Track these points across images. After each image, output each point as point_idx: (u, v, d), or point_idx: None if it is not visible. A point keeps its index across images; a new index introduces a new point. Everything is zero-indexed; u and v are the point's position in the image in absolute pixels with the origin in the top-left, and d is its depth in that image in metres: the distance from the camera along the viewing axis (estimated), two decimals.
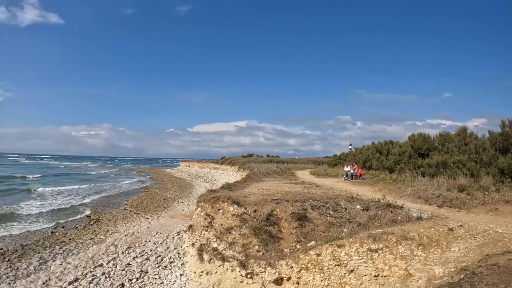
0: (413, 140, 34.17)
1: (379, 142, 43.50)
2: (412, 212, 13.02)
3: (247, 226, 12.97)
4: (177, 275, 21.82)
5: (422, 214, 12.68)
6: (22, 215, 42.93)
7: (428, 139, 33.03)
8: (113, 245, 29.69)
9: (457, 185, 19.98)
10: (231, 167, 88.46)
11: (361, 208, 13.21)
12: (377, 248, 9.58)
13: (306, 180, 27.43)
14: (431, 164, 28.23)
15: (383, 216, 12.30)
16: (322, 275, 9.89)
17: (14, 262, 25.53)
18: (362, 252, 9.60)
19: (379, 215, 12.39)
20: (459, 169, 25.23)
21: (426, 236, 10.08)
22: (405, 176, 26.91)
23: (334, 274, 9.75)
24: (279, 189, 19.66)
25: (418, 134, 34.71)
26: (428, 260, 9.39)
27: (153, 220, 40.97)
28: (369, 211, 12.79)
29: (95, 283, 21.17)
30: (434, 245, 9.87)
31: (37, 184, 79.71)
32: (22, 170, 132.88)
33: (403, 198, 17.08)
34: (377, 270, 9.41)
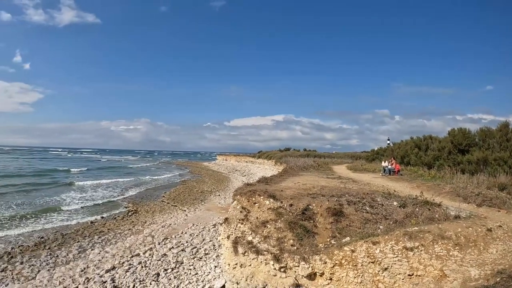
0: (453, 135, 33.29)
1: (418, 137, 42.57)
2: (450, 210, 12.70)
3: (282, 220, 12.97)
4: (212, 267, 22.07)
5: (460, 213, 12.33)
6: (64, 206, 44.56)
7: (469, 135, 32.09)
8: (150, 235, 30.29)
9: (497, 183, 19.33)
10: (268, 161, 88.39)
11: (398, 205, 12.98)
12: (413, 246, 9.38)
13: (343, 175, 27.19)
14: (471, 160, 27.49)
15: (420, 213, 12.05)
16: (355, 272, 9.77)
17: (54, 250, 26.47)
18: (397, 250, 9.41)
19: (416, 212, 12.15)
20: (500, 167, 24.46)
21: (463, 236, 9.83)
22: (444, 173, 26.19)
23: (368, 271, 9.61)
24: (315, 184, 19.54)
25: (458, 129, 33.76)
26: (464, 261, 9.15)
27: (189, 212, 41.52)
28: (406, 208, 12.55)
29: (131, 271, 21.74)
30: (471, 245, 9.61)
31: (81, 177, 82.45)
32: (65, 163, 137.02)
33: (441, 196, 16.70)
34: (411, 269, 9.21)
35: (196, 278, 20.77)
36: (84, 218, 38.41)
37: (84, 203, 47.32)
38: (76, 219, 37.81)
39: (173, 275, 21.40)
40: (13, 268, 23.10)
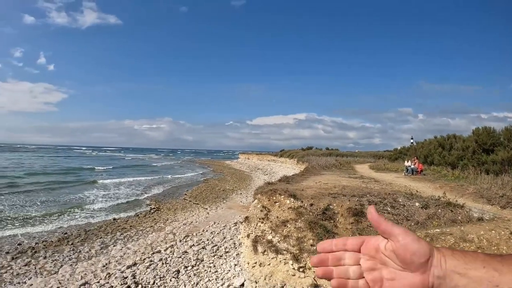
0: (477, 134, 32.64)
1: (442, 136, 41.93)
2: (473, 212, 12.43)
3: (302, 220, 12.92)
4: (232, 265, 22.16)
5: (484, 215, 12.04)
6: (88, 203, 45.45)
7: (493, 134, 31.42)
8: (171, 233, 30.62)
9: None
10: (290, 160, 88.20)
11: (420, 206, 12.79)
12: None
13: (365, 175, 26.96)
14: (496, 160, 26.96)
15: (442, 215, 11.84)
16: None
17: (77, 246, 27.04)
18: None
19: (438, 213, 11.95)
20: None
21: (485, 239, 9.60)
22: (468, 173, 25.80)
23: None
24: (337, 183, 19.42)
25: (482, 128, 33.07)
26: None
27: (211, 211, 41.76)
28: (428, 209, 12.36)
29: (152, 268, 22.05)
30: (493, 249, 9.37)
31: (105, 175, 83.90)
32: (90, 161, 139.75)
33: (465, 197, 16.41)
34: None
35: (215, 276, 20.89)
36: (107, 215, 39.04)
37: (108, 201, 48.16)
38: (100, 216, 38.47)
39: (193, 272, 21.58)
40: (37, 263, 23.73)
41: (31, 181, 63.63)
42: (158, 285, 19.89)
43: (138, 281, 20.28)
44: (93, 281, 20.38)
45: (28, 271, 22.34)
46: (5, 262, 23.75)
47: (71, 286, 19.77)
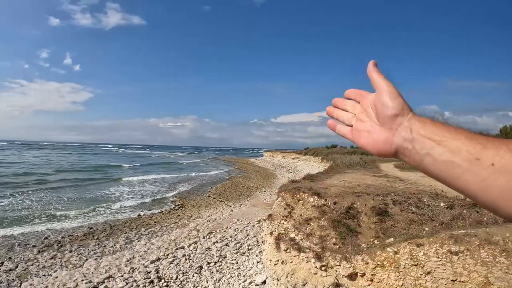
0: (505, 132, 31.97)
1: None
2: None
3: (326, 218, 12.86)
4: (254, 262, 22.22)
5: None
6: (114, 200, 46.21)
7: None
8: (195, 229, 30.86)
9: None
10: (314, 158, 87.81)
11: (445, 206, 12.56)
12: (458, 250, 8.96)
13: (390, 173, 26.62)
14: None
15: (467, 216, 11.58)
16: (397, 274, 9.48)
17: (102, 240, 27.59)
18: (441, 253, 9.00)
19: (463, 214, 11.70)
20: None
21: (511, 242, 9.43)
22: None
23: (410, 274, 9.29)
24: (361, 182, 19.25)
25: (510, 126, 32.51)
26: (511, 268, 8.77)
27: (235, 208, 41.89)
28: (453, 210, 12.12)
29: (175, 263, 22.35)
30: None
31: (131, 172, 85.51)
32: (117, 159, 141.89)
33: None
34: (455, 274, 8.80)
35: (238, 273, 21.00)
36: (133, 211, 39.66)
37: (133, 197, 48.99)
38: (125, 212, 39.12)
39: (215, 269, 21.74)
40: (62, 256, 24.34)
41: (59, 178, 65.33)
42: (180, 280, 20.13)
43: (161, 276, 20.58)
44: (117, 275, 20.78)
45: (54, 264, 22.97)
46: (32, 255, 24.45)
47: (96, 279, 20.18)
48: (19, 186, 54.19)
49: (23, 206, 39.84)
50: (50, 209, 38.45)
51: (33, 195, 46.38)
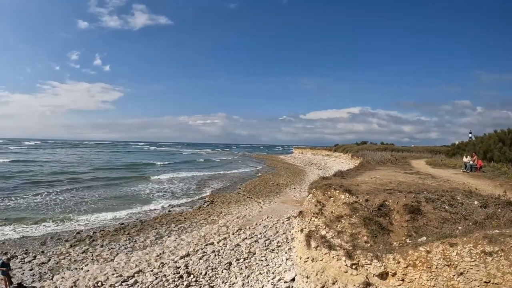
0: None
1: (502, 130, 39.71)
2: None
3: (357, 216, 12.68)
4: (283, 259, 22.19)
5: None
6: (146, 197, 47.07)
7: None
8: (225, 226, 31.10)
9: None
10: (344, 155, 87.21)
11: (479, 205, 12.19)
12: (492, 251, 8.61)
13: (421, 170, 26.12)
14: None
15: (502, 215, 11.20)
16: (429, 275, 9.20)
17: (133, 236, 28.27)
18: (475, 254, 8.67)
19: (498, 213, 11.32)
20: None
21: None
22: None
23: (442, 274, 9.00)
24: (392, 179, 18.95)
25: None
26: None
27: (264, 205, 41.93)
28: (487, 209, 11.75)
29: (204, 259, 22.66)
30: None
31: (164, 169, 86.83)
32: (150, 157, 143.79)
33: None
34: (488, 275, 8.45)
35: (266, 270, 21.04)
36: (164, 208, 40.15)
37: (164, 194, 49.68)
38: (156, 208, 39.60)
39: (244, 265, 21.90)
40: (94, 250, 25.21)
41: (92, 176, 67.28)
42: (209, 276, 20.35)
43: (190, 271, 20.89)
44: (147, 269, 21.27)
45: (85, 258, 23.81)
46: (64, 249, 25.46)
47: (126, 273, 20.71)
48: (53, 184, 55.81)
49: (56, 202, 40.96)
50: (83, 206, 39.38)
51: (66, 192, 47.77)
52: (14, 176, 62.03)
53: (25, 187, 51.55)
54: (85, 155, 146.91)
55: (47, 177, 62.91)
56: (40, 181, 57.02)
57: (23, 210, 36.62)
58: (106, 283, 19.51)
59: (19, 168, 75.77)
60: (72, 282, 19.71)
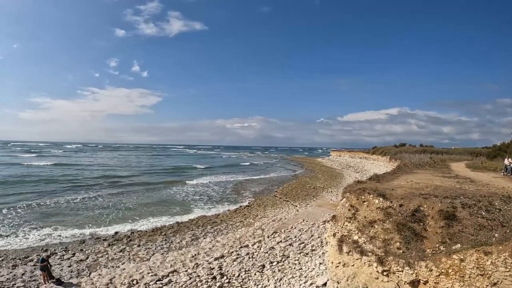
0: None
1: None
2: None
3: (390, 221, 12.42)
4: (316, 263, 22.03)
5: None
6: (184, 198, 47.37)
7: None
8: (260, 228, 31.15)
9: None
10: (382, 157, 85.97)
11: None
12: None
13: (460, 174, 25.36)
14: None
15: None
16: (461, 284, 8.77)
17: (169, 237, 28.92)
18: (510, 263, 8.29)
19: None
20: None
21: None
22: None
23: (475, 284, 8.55)
24: (429, 183, 18.48)
25: None
26: None
27: (301, 208, 41.81)
28: None
29: (238, 261, 22.94)
30: None
31: (205, 172, 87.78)
32: (189, 160, 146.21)
33: None
34: None
35: (299, 273, 20.92)
36: (201, 209, 40.65)
37: (202, 198, 50.08)
38: (194, 211, 40.03)
39: (277, 268, 21.90)
40: (131, 250, 26.06)
41: (137, 179, 69.05)
42: (242, 278, 20.48)
43: (224, 273, 21.09)
44: (182, 269, 21.66)
45: (122, 257, 24.67)
46: (102, 248, 26.44)
47: (161, 272, 21.15)
48: (93, 186, 57.27)
49: (95, 203, 41.87)
50: (121, 207, 40.11)
51: (106, 195, 48.82)
52: (56, 179, 64.09)
53: (66, 189, 53.24)
54: (126, 158, 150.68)
55: (87, 180, 64.65)
56: (80, 185, 58.56)
57: (63, 211, 37.70)
58: (141, 281, 19.98)
59: (60, 171, 78.54)
60: (108, 279, 20.29)
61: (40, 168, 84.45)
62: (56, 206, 39.83)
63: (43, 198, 44.62)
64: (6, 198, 43.44)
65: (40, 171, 76.68)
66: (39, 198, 44.40)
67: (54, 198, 44.80)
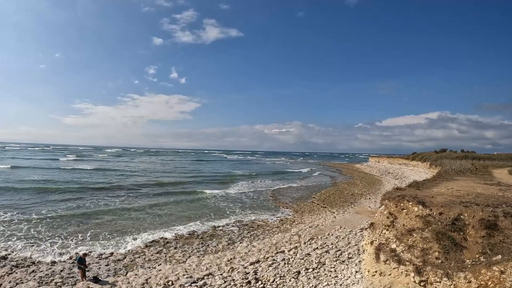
0: None
1: None
2: None
3: (430, 230, 12.12)
4: (352, 271, 21.73)
5: None
6: (228, 205, 47.69)
7: None
8: (297, 234, 31.09)
9: None
10: (422, 163, 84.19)
11: None
12: None
13: (503, 181, 24.52)
14: None
15: None
16: None
17: (205, 240, 29.51)
18: None
19: None
20: None
21: None
22: None
23: None
24: (470, 190, 17.98)
25: None
26: None
27: (338, 215, 41.49)
28: None
29: (274, 266, 22.90)
30: None
31: (243, 178, 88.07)
32: (229, 166, 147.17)
33: None
34: None
35: (334, 281, 20.66)
36: (239, 215, 41.22)
37: (241, 203, 50.69)
38: (231, 216, 40.32)
39: (313, 275, 21.70)
40: (167, 252, 26.68)
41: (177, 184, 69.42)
42: (277, 283, 20.42)
43: (259, 278, 21.12)
44: (217, 273, 21.81)
45: (159, 258, 25.27)
46: (139, 249, 27.16)
47: (196, 275, 21.40)
48: (133, 189, 58.28)
49: (132, 205, 43.03)
50: (159, 212, 40.85)
51: (142, 199, 49.69)
52: (101, 183, 66.17)
53: (109, 192, 54.63)
54: (165, 163, 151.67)
55: (127, 184, 65.67)
56: (121, 187, 59.64)
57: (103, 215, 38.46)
58: (176, 282, 20.24)
59: (102, 176, 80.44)
60: (144, 279, 20.70)
61: (81, 173, 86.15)
62: (95, 211, 40.60)
63: (83, 201, 45.90)
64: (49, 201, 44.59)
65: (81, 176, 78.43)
66: (80, 200, 46.04)
67: (91, 202, 45.78)
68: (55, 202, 44.18)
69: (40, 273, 21.52)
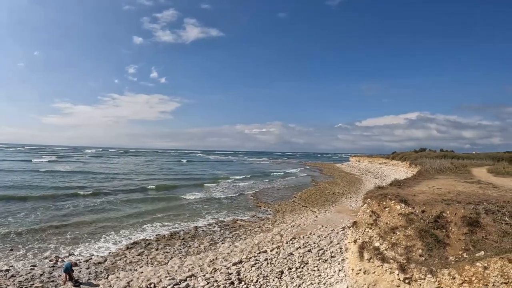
0: None
1: None
2: None
3: (412, 227, 12.24)
4: (336, 270, 21.91)
5: None
6: (208, 206, 47.92)
7: None
8: (279, 234, 31.20)
9: None
10: (402, 163, 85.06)
11: None
12: None
13: (482, 179, 24.93)
14: None
15: None
16: None
17: (187, 241, 29.46)
18: None
19: None
20: None
21: None
22: None
23: None
24: (451, 188, 18.20)
25: None
26: None
27: (320, 214, 41.71)
28: None
29: (257, 267, 22.99)
30: None
31: (224, 178, 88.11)
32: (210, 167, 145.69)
33: None
34: None
35: (318, 280, 20.81)
36: (220, 215, 41.23)
37: (221, 203, 50.67)
38: (212, 216, 40.45)
39: (296, 274, 21.83)
40: (149, 253, 26.43)
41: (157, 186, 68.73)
42: (260, 284, 20.47)
43: (242, 278, 21.12)
44: (199, 274, 21.80)
45: (140, 260, 25.02)
46: (120, 251, 26.87)
47: (178, 276, 21.35)
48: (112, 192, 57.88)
49: (111, 207, 43.04)
50: (138, 212, 40.62)
51: (120, 201, 49.21)
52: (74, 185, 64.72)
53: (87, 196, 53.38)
54: (146, 165, 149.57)
55: (105, 186, 64.92)
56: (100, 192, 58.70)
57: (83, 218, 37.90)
58: (159, 285, 20.19)
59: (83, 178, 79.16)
60: (126, 282, 20.57)
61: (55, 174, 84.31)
62: (76, 212, 40.11)
63: (60, 202, 45.21)
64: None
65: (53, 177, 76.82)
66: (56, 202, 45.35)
67: (70, 202, 45.21)
68: (28, 208, 42.63)
69: (20, 278, 21.13)
